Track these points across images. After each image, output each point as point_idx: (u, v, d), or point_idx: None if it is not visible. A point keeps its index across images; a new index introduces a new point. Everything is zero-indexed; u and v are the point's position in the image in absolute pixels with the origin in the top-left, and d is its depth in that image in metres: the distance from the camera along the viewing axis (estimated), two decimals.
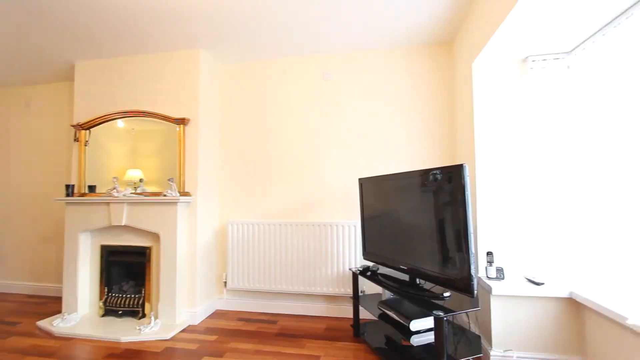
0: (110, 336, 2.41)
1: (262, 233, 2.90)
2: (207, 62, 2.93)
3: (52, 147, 3.63)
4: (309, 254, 2.81)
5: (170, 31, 2.55)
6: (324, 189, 2.93)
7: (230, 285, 2.93)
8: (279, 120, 3.06)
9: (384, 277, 2.24)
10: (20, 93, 3.78)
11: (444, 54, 2.79)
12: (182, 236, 2.70)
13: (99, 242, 2.88)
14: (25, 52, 2.90)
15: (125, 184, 2.85)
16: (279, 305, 2.93)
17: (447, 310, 1.62)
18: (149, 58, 2.93)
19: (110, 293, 2.83)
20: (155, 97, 2.89)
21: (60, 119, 3.61)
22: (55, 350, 2.26)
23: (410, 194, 2.05)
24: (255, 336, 2.45)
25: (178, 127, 2.78)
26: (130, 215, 2.71)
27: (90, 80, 3.05)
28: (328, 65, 2.98)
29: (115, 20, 2.39)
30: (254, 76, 3.13)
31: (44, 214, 3.62)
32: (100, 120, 2.92)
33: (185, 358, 2.13)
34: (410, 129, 2.82)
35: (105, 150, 2.98)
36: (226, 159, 3.14)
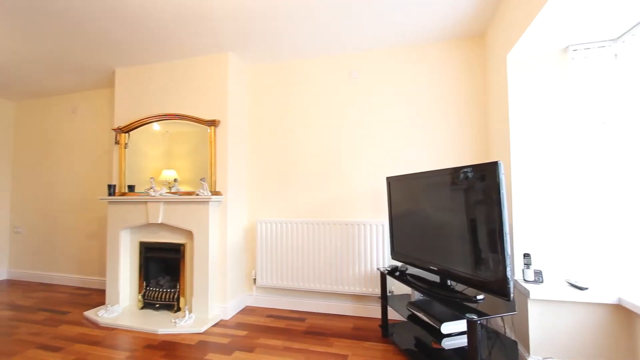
0: (149, 328, 2.54)
1: (290, 231, 2.94)
2: (235, 64, 3.02)
3: (96, 149, 3.89)
4: (336, 253, 2.82)
5: (200, 37, 2.65)
6: (351, 188, 2.92)
7: (260, 282, 3.00)
8: (305, 120, 3.08)
9: (413, 278, 2.20)
10: (67, 100, 4.08)
11: (475, 47, 2.69)
12: (214, 234, 2.80)
13: (137, 239, 3.05)
14: (70, 62, 3.13)
15: (161, 184, 3.00)
16: (307, 303, 2.96)
17: (481, 314, 1.56)
18: (181, 63, 3.06)
19: (148, 287, 2.99)
20: (188, 100, 3.01)
21: (103, 123, 3.86)
22: (100, 339, 2.42)
23: (440, 193, 1.99)
24: (284, 333, 2.50)
25: (209, 128, 2.88)
26: (166, 213, 2.85)
27: (128, 86, 3.24)
28: (354, 63, 2.97)
29: (150, 28, 2.52)
30: (280, 76, 3.18)
31: (90, 212, 3.89)
32: (138, 123, 3.09)
33: (218, 351, 2.21)
34: (440, 126, 2.74)
35: (143, 152, 3.15)
36: (255, 159, 3.22)
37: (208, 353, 2.19)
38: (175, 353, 2.19)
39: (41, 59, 3.06)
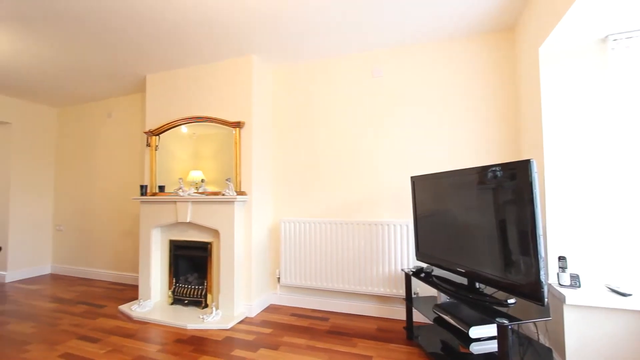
0: (178, 323, 2.64)
1: (314, 231, 2.95)
2: (258, 66, 3.07)
3: (129, 151, 4.09)
4: (360, 253, 2.80)
5: (224, 41, 2.72)
6: (375, 188, 2.89)
7: (284, 281, 3.03)
8: (328, 119, 3.09)
9: (439, 280, 2.14)
10: (103, 106, 4.33)
11: (504, 41, 2.58)
12: (239, 233, 2.86)
13: (167, 237, 3.18)
14: (106, 70, 3.31)
15: (189, 184, 3.11)
16: (330, 302, 2.96)
17: (512, 318, 1.50)
18: (207, 67, 3.15)
19: (178, 284, 3.11)
20: (214, 102, 3.10)
21: (135, 127, 4.06)
22: (134, 332, 2.54)
23: (467, 193, 1.93)
24: (308, 332, 2.51)
25: (234, 130, 2.96)
26: (194, 212, 2.95)
27: (158, 91, 3.38)
28: (377, 61, 2.94)
29: (177, 35, 2.62)
30: (303, 77, 3.20)
31: (123, 211, 4.10)
32: (167, 126, 3.22)
33: (244, 348, 2.26)
34: (467, 124, 2.65)
35: (172, 154, 3.28)
36: (278, 159, 3.26)
37: (234, 349, 2.24)
38: (203, 348, 2.26)
39: (80, 68, 3.26)
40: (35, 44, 2.75)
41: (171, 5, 2.23)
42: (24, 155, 4.35)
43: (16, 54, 2.93)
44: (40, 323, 2.73)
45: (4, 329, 2.61)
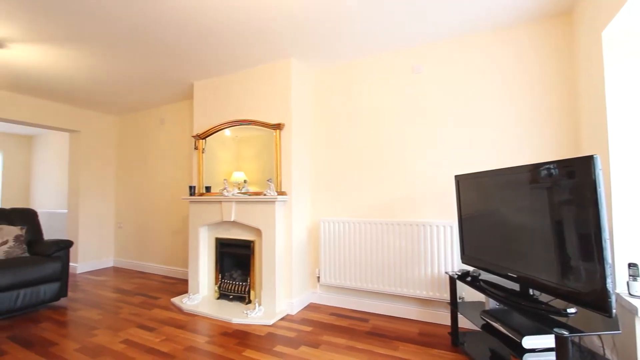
0: (224, 317, 2.78)
1: (353, 231, 2.94)
2: (297, 69, 3.13)
3: (179, 154, 4.38)
4: (401, 254, 2.73)
5: (265, 47, 2.80)
6: (417, 187, 2.81)
7: (323, 280, 3.06)
8: (367, 119, 3.06)
9: (488, 285, 2.02)
10: (156, 113, 4.68)
11: (559, 27, 2.37)
12: (280, 232, 2.94)
13: (214, 235, 3.35)
14: (159, 79, 3.58)
15: (233, 185, 3.25)
16: (370, 304, 2.93)
17: (573, 330, 1.37)
18: (249, 72, 3.27)
19: (223, 279, 3.27)
20: (255, 105, 3.21)
21: (184, 131, 4.34)
22: (185, 323, 2.72)
23: (518, 192, 1.80)
24: (347, 332, 2.51)
25: (274, 131, 3.04)
26: (238, 212, 3.08)
27: (204, 96, 3.58)
28: (417, 57, 2.85)
29: (221, 43, 2.75)
30: (341, 77, 3.20)
31: (174, 210, 4.40)
32: (212, 130, 3.40)
33: (285, 344, 2.31)
34: (516, 119, 2.48)
35: (216, 156, 3.45)
36: (318, 159, 3.29)
37: (277, 345, 2.30)
38: (247, 342, 2.35)
39: (136, 79, 3.56)
40: (99, 59, 3.05)
41: (216, 16, 2.35)
42: (90, 159, 4.84)
43: (83, 69, 3.28)
44: (105, 311, 3.02)
45: (76, 315, 2.93)
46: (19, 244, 3.17)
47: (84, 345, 2.32)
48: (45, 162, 6.26)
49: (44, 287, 3.03)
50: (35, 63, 3.12)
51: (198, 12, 2.30)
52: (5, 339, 2.44)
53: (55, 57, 2.99)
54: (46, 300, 3.05)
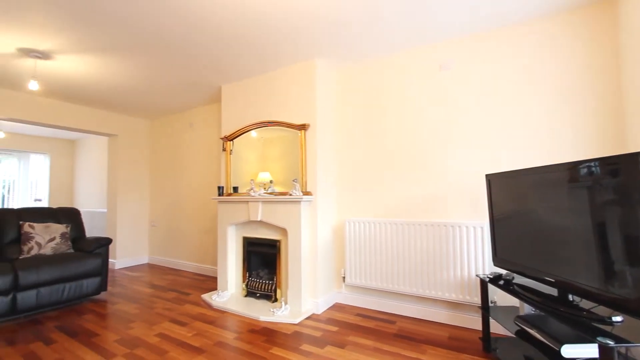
0: (252, 314, 2.84)
1: (379, 231, 2.91)
2: (322, 69, 3.14)
3: (208, 156, 4.53)
4: (429, 255, 2.67)
5: (289, 49, 2.84)
6: (445, 187, 2.73)
7: (349, 280, 3.05)
8: (393, 118, 3.01)
9: (522, 289, 1.93)
10: (186, 117, 4.87)
11: (600, 16, 2.21)
12: (305, 232, 2.96)
13: (241, 234, 3.44)
14: (188, 84, 3.72)
15: (259, 185, 3.32)
16: (397, 305, 2.88)
17: (619, 340, 1.28)
18: (274, 74, 3.33)
19: (250, 277, 3.35)
20: (280, 107, 3.26)
21: (213, 134, 4.48)
22: (214, 319, 2.81)
23: (556, 192, 1.70)
24: (374, 333, 2.48)
25: (299, 132, 3.07)
26: (264, 212, 3.14)
27: (232, 99, 3.68)
28: (446, 53, 2.77)
29: (247, 47, 2.82)
30: (365, 75, 3.18)
31: (204, 209, 4.55)
32: (239, 132, 3.49)
33: (312, 343, 2.33)
34: (552, 115, 2.34)
35: (243, 157, 3.54)
36: (343, 159, 3.29)
37: (303, 344, 2.32)
38: (274, 340, 2.39)
39: (167, 84, 3.72)
40: (133, 67, 3.22)
41: (242, 21, 2.41)
42: (126, 162, 5.12)
43: (119, 77, 3.47)
44: (141, 305, 3.18)
45: (115, 308, 3.11)
46: (64, 240, 3.41)
47: (122, 337, 2.46)
48: (87, 165, 6.70)
49: (87, 281, 3.24)
50: (78, 73, 3.35)
51: (225, 19, 2.37)
52: (54, 329, 2.63)
53: (94, 66, 3.20)
54: (88, 294, 3.26)
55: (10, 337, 2.49)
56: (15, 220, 3.30)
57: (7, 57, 2.97)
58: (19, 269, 2.82)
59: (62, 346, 2.32)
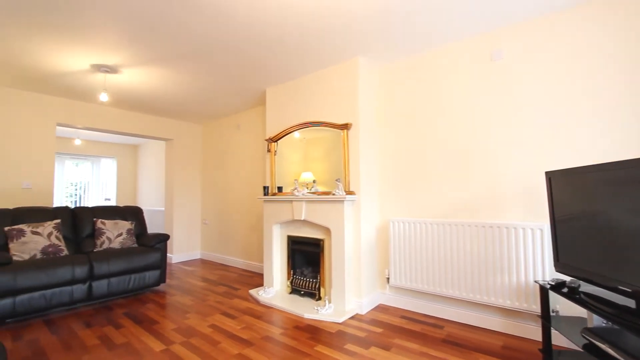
0: (296, 311, 2.90)
1: (425, 232, 2.81)
2: (364, 67, 3.11)
3: (254, 157, 4.73)
4: (480, 258, 2.52)
5: (331, 48, 2.85)
6: (497, 186, 2.56)
7: (393, 282, 2.98)
8: (438, 114, 2.89)
9: (591, 298, 1.74)
10: (233, 120, 5.12)
11: None
12: (349, 231, 2.96)
13: (286, 233, 3.53)
14: (236, 88, 3.91)
15: (303, 185, 3.38)
16: (444, 310, 2.76)
17: None
18: (316, 74, 3.37)
19: (295, 275, 3.42)
20: (323, 107, 3.29)
21: (258, 135, 4.66)
22: (261, 314, 2.92)
23: (632, 191, 1.51)
24: (420, 338, 2.40)
25: (342, 132, 3.07)
26: (307, 211, 3.19)
27: (276, 101, 3.80)
28: (496, 42, 2.59)
29: (291, 50, 2.89)
30: (409, 72, 3.09)
31: (250, 208, 4.75)
32: (283, 133, 3.59)
33: (356, 343, 2.32)
34: (623, 106, 2.08)
35: (286, 158, 3.63)
36: (386, 158, 3.23)
37: (347, 343, 2.33)
38: (318, 337, 2.43)
39: (216, 90, 3.95)
40: (186, 75, 3.47)
41: (286, 25, 2.47)
42: (181, 163, 5.52)
43: (173, 85, 3.76)
44: (195, 297, 3.42)
45: (173, 299, 3.38)
46: (129, 236, 3.77)
47: (179, 326, 2.66)
48: (147, 167, 7.34)
49: (148, 273, 3.56)
50: (140, 84, 3.69)
51: (268, 25, 2.45)
52: (122, 315, 2.93)
53: (154, 77, 3.49)
54: (149, 285, 3.57)
55: (87, 320, 2.82)
56: (90, 218, 3.72)
57: (82, 73, 3.36)
58: (93, 260, 3.18)
59: (129, 331, 2.58)
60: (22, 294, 2.75)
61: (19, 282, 2.71)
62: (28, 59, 3.02)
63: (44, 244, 3.14)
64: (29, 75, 3.41)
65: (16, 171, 3.85)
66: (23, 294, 2.75)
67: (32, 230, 3.15)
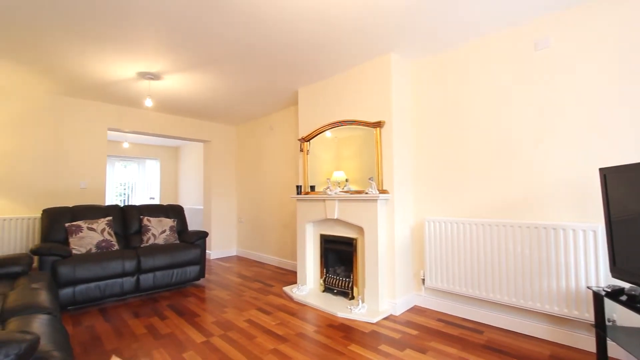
0: (330, 309, 2.92)
1: (462, 232, 2.70)
2: (397, 63, 3.05)
3: (286, 157, 4.81)
4: (523, 261, 2.38)
5: (363, 45, 2.82)
6: (541, 183, 2.40)
7: (429, 283, 2.90)
8: (476, 109, 2.76)
9: None
10: (266, 121, 5.24)
11: None
12: (382, 230, 2.92)
13: (318, 232, 3.56)
14: (269, 89, 4.00)
15: (335, 184, 3.39)
16: (484, 314, 2.64)
17: None
18: (348, 73, 3.35)
19: (327, 274, 3.44)
20: (354, 105, 3.27)
21: (290, 135, 4.74)
22: (295, 311, 2.97)
23: None
24: (458, 342, 2.32)
25: (374, 130, 3.03)
26: (340, 210, 3.19)
27: (308, 101, 3.84)
28: (540, 30, 2.42)
29: (323, 49, 2.89)
30: (444, 67, 2.97)
31: (283, 207, 4.85)
32: (315, 133, 3.62)
33: (390, 344, 2.29)
34: None
35: (318, 157, 3.65)
36: (420, 155, 3.14)
37: (381, 344, 2.30)
38: (352, 337, 2.42)
39: (250, 92, 4.07)
40: (221, 78, 3.60)
41: (316, 25, 2.49)
42: (218, 164, 5.76)
43: (210, 89, 3.92)
44: (232, 292, 3.55)
45: (212, 293, 3.54)
46: (172, 233, 4.00)
47: (218, 320, 2.78)
48: (187, 168, 7.73)
49: (189, 268, 3.75)
50: (180, 89, 3.89)
51: (298, 28, 2.48)
52: (166, 307, 3.12)
53: (192, 82, 3.67)
54: (190, 279, 3.77)
55: (135, 310, 3.03)
56: (137, 215, 4.00)
57: (129, 80, 3.62)
58: (141, 255, 3.42)
59: (172, 322, 2.74)
60: (80, 284, 3.02)
61: (77, 274, 2.98)
62: (82, 69, 3.31)
63: (98, 239, 3.43)
64: (83, 84, 3.73)
65: (74, 172, 4.23)
66: (81, 284, 3.03)
67: (88, 226, 3.45)
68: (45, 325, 1.51)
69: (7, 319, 1.62)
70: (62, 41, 2.72)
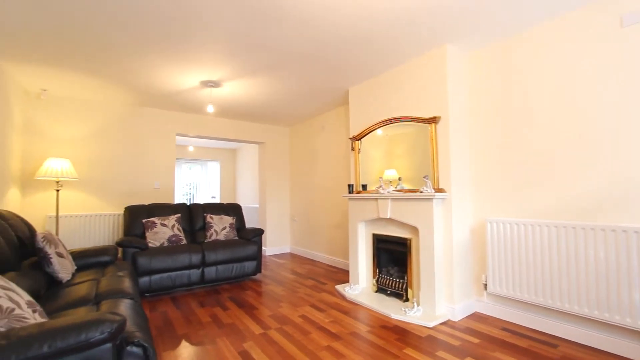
0: (383, 310, 2.87)
1: (530, 234, 2.46)
2: (453, 54, 2.88)
3: (338, 156, 4.84)
4: (605, 268, 2.09)
5: (416, 38, 2.72)
6: (625, 181, 2.08)
7: (492, 289, 2.70)
8: (546, 98, 2.49)
9: None
10: (318, 121, 5.32)
11: None
12: (438, 231, 2.79)
13: (371, 231, 3.52)
14: (320, 90, 4.06)
15: (387, 183, 3.32)
16: (558, 326, 2.37)
17: None
18: (400, 69, 3.26)
19: (380, 274, 3.39)
20: (407, 102, 3.17)
21: (342, 135, 4.75)
22: (348, 310, 2.98)
23: None
24: (527, 355, 2.12)
25: (429, 126, 2.91)
26: (393, 209, 3.12)
27: (359, 100, 3.81)
28: (627, 3, 2.10)
29: (373, 45, 2.85)
30: (506, 55, 2.73)
31: (335, 206, 4.88)
32: (367, 131, 3.58)
33: (448, 351, 2.18)
34: None
35: (370, 155, 3.61)
36: (479, 151, 2.94)
37: (438, 350, 2.20)
38: (407, 340, 2.36)
39: (302, 94, 4.17)
40: (275, 82, 3.75)
41: (365, 24, 2.46)
42: (272, 164, 6.00)
43: (264, 92, 4.10)
44: (286, 288, 3.68)
45: (268, 288, 3.70)
46: (231, 229, 4.28)
47: (274, 313, 2.90)
48: (244, 168, 8.19)
49: (247, 263, 3.98)
50: (238, 94, 4.14)
51: (347, 28, 2.47)
52: (227, 298, 3.35)
53: (249, 87, 3.88)
54: (248, 274, 3.99)
55: (201, 300, 3.30)
56: (201, 213, 4.34)
57: (193, 89, 3.94)
58: (205, 250, 3.71)
59: (233, 313, 2.93)
60: (155, 274, 3.38)
61: (152, 265, 3.34)
62: (153, 82, 3.69)
63: (169, 234, 3.80)
64: (154, 95, 4.16)
65: (150, 174, 4.74)
66: (156, 274, 3.39)
67: (161, 222, 3.84)
68: (130, 309, 1.72)
69: (100, 301, 1.88)
70: (139, 58, 3.06)
